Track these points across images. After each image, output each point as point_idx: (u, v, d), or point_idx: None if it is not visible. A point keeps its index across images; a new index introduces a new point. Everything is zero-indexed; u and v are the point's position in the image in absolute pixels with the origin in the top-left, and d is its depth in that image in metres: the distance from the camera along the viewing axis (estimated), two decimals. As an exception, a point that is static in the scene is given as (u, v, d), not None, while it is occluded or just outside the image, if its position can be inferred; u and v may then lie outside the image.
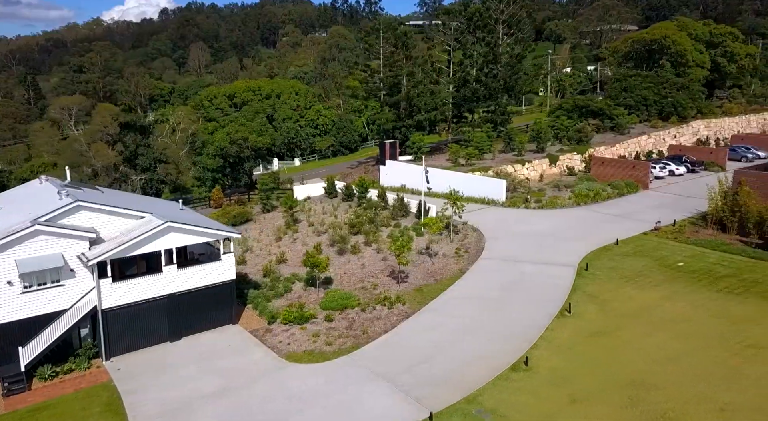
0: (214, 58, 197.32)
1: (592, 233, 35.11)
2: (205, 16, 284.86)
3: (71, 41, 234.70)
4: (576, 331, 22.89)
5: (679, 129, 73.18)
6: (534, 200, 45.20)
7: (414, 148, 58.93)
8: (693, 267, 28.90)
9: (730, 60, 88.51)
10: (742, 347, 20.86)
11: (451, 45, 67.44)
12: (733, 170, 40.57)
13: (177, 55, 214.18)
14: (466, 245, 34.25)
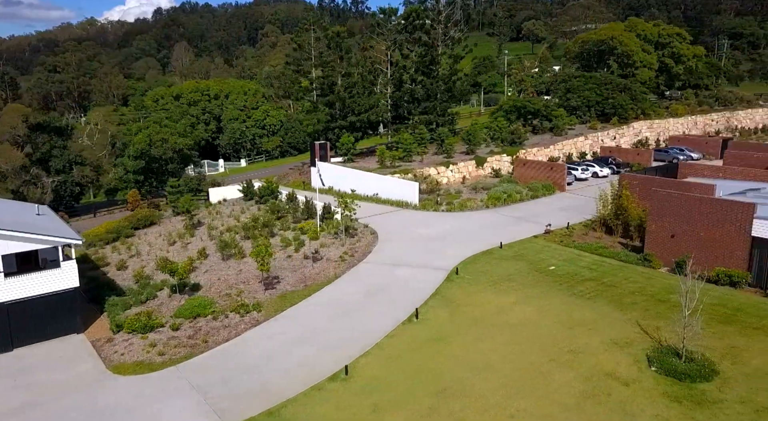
0: (198, 58, 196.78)
1: (486, 236, 34.94)
2: (199, 16, 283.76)
3: (63, 41, 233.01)
4: (414, 337, 22.59)
5: (619, 130, 73.59)
6: (446, 203, 45.12)
7: (343, 149, 58.58)
8: (562, 271, 28.81)
9: (677, 61, 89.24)
10: (563, 352, 20.70)
11: (388, 46, 67.10)
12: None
13: (161, 55, 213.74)
14: (355, 249, 33.86)
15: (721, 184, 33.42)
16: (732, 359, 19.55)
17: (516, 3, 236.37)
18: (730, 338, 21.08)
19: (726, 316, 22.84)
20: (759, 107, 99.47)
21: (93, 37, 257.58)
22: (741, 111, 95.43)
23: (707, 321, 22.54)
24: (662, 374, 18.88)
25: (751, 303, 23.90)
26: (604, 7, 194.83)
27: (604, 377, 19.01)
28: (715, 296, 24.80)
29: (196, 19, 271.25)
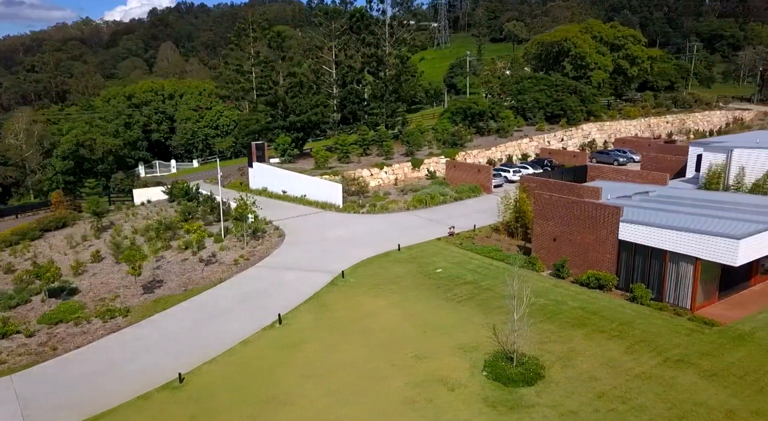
0: (185, 58, 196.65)
1: (393, 238, 34.66)
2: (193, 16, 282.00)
3: (56, 41, 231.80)
4: (269, 343, 22.23)
5: (567, 132, 73.78)
6: (369, 205, 44.84)
7: (279, 150, 58.12)
8: (447, 274, 28.59)
9: (632, 63, 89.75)
10: (408, 357, 20.43)
11: (333, 46, 66.77)
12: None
13: (148, 55, 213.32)
14: (254, 253, 33.44)
15: (619, 187, 33.49)
16: (564, 363, 19.40)
17: (500, 4, 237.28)
18: (574, 341, 20.94)
19: (581, 319, 22.73)
20: (717, 110, 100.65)
21: (87, 38, 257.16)
22: (698, 113, 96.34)
23: (560, 325, 22.51)
24: (491, 378, 18.68)
25: (610, 306, 23.81)
26: (589, 7, 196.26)
27: (435, 382, 18.76)
28: (580, 299, 24.75)
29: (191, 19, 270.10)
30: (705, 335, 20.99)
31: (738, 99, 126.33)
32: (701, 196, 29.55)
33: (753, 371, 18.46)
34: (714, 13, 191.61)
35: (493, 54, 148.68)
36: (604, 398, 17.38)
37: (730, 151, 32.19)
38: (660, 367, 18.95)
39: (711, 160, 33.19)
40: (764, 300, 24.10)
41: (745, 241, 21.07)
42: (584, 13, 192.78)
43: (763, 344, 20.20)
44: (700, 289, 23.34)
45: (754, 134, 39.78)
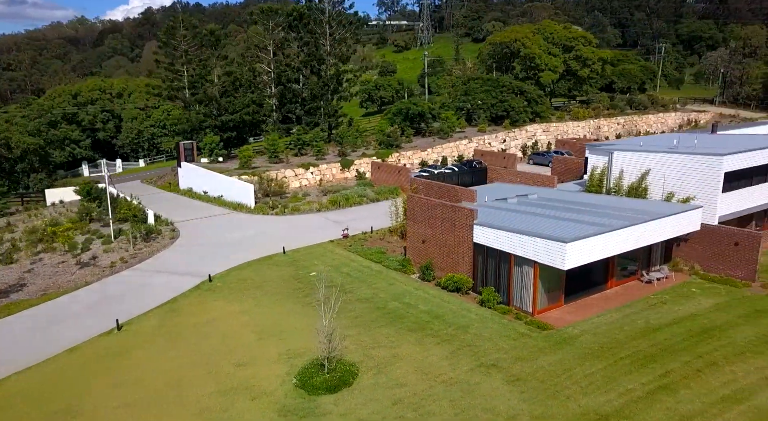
0: None
1: (287, 240, 34.26)
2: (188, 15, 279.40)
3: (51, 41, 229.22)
4: (98, 351, 21.57)
5: (510, 133, 73.84)
6: (282, 206, 44.39)
7: (206, 149, 57.48)
8: (320, 277, 28.20)
9: (583, 64, 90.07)
10: (230, 364, 19.95)
11: (270, 45, 66.22)
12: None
13: (134, 54, 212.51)
14: (138, 255, 32.82)
15: (507, 188, 33.36)
16: (380, 369, 19.09)
17: (484, 4, 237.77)
18: (402, 346, 20.65)
19: (421, 323, 22.48)
20: (673, 112, 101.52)
21: (82, 37, 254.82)
22: (652, 115, 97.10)
23: (399, 329, 22.22)
24: (299, 386, 18.33)
25: (457, 310, 23.59)
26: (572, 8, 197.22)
27: (242, 391, 18.36)
28: (432, 303, 24.49)
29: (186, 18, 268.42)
30: (531, 339, 20.83)
31: (701, 101, 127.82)
32: (574, 199, 29.43)
33: (556, 376, 18.29)
34: (695, 15, 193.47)
35: (473, 54, 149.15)
36: (398, 406, 17.10)
37: (611, 153, 32.25)
38: (471, 372, 18.73)
39: (594, 163, 33.24)
40: (609, 303, 24.05)
41: (572, 245, 20.94)
42: (563, 13, 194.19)
43: (580, 348, 20.09)
44: (541, 292, 23.21)
45: (658, 137, 39.86)
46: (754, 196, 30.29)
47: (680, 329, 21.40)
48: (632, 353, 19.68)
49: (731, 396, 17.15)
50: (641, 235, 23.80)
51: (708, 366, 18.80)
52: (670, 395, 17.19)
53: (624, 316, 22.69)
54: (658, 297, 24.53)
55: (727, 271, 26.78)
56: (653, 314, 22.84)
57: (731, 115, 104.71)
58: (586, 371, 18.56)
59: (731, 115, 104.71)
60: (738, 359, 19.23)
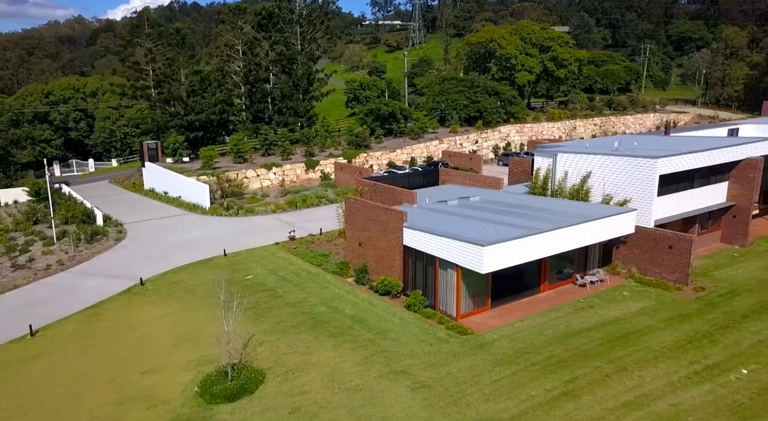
0: None
1: (233, 242, 33.88)
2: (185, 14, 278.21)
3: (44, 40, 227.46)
4: (3, 358, 21.14)
5: (482, 134, 73.64)
6: (238, 207, 43.95)
7: (169, 149, 56.91)
8: (255, 281, 27.74)
9: (559, 65, 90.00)
10: (137, 372, 19.47)
11: (239, 44, 65.66)
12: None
13: (127, 53, 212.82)
14: (76, 257, 32.24)
15: (454, 190, 33.07)
16: (287, 376, 18.72)
17: (477, 5, 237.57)
18: (318, 352, 20.25)
19: (343, 328, 22.09)
20: (652, 113, 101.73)
21: (78, 36, 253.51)
22: (630, 116, 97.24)
23: (319, 334, 21.84)
24: (199, 394, 17.94)
25: (383, 314, 23.22)
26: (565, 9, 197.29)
27: (140, 400, 17.87)
28: (360, 307, 24.14)
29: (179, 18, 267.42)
30: (448, 344, 20.53)
31: (683, 102, 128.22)
32: (514, 202, 29.09)
33: (463, 382, 18.00)
34: (685, 16, 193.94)
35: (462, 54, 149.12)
36: (295, 414, 16.72)
37: (554, 155, 32.04)
38: (378, 379, 18.40)
39: (539, 165, 33.02)
40: (537, 307, 23.80)
41: (490, 248, 20.66)
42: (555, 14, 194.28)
43: (495, 354, 19.80)
44: (466, 296, 22.93)
45: (607, 139, 39.52)
46: (694, 199, 30.11)
47: (600, 334, 21.18)
48: (545, 358, 19.42)
49: (632, 402, 16.92)
50: (570, 238, 23.53)
51: (618, 371, 18.57)
52: (571, 402, 16.94)
53: (548, 320, 22.44)
54: (588, 301, 24.30)
55: (662, 274, 26.61)
56: (577, 318, 22.61)
57: (710, 117, 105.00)
58: (494, 377, 18.28)
59: (710, 117, 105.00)
60: (649, 365, 19.01)
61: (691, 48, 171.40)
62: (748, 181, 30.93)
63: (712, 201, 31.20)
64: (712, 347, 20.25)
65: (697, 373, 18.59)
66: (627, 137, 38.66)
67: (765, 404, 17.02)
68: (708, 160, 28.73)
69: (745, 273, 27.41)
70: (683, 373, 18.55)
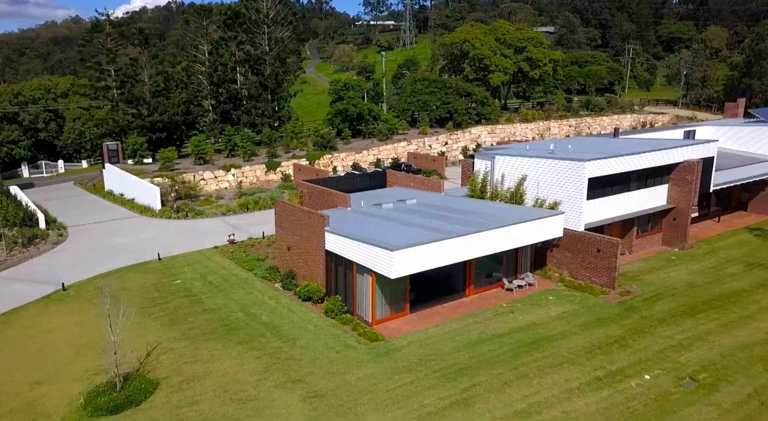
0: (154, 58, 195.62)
1: (172, 246, 33.32)
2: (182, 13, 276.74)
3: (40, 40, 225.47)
4: None
5: (452, 135, 73.33)
6: (189, 209, 43.42)
7: (129, 150, 56.28)
8: (183, 286, 27.20)
9: (533, 66, 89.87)
10: (23, 383, 18.92)
11: (205, 44, 65.08)
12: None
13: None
14: (5, 261, 31.52)
15: (397, 193, 32.71)
16: (182, 386, 18.17)
17: (468, 5, 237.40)
18: (220, 361, 19.79)
19: (254, 336, 21.62)
20: (630, 113, 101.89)
21: (75, 36, 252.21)
22: (606, 117, 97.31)
23: (228, 342, 21.35)
24: (82, 407, 17.29)
25: (297, 320, 22.76)
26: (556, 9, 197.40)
27: (22, 412, 17.15)
28: (278, 313, 23.64)
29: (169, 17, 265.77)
30: (355, 351, 20.13)
31: (664, 102, 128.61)
32: (448, 205, 28.63)
33: (358, 391, 17.56)
34: (676, 16, 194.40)
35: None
36: (178, 426, 16.37)
37: (492, 158, 31.76)
38: (274, 388, 17.98)
39: (479, 167, 32.74)
40: (458, 312, 23.43)
41: (399, 253, 20.31)
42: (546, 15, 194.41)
43: (399, 361, 19.38)
44: (382, 301, 22.57)
45: (548, 142, 38.98)
46: (631, 201, 29.86)
47: (511, 340, 20.87)
48: (448, 365, 19.08)
49: (524, 410, 16.60)
50: (489, 242, 23.18)
51: (519, 378, 18.25)
52: (462, 410, 16.60)
53: (464, 326, 22.10)
54: (510, 306, 24.00)
55: (592, 278, 26.37)
56: (494, 323, 22.29)
57: (688, 118, 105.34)
58: (391, 386, 17.92)
59: (688, 118, 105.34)
60: (552, 371, 18.72)
61: (680, 48, 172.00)
62: (686, 183, 30.76)
63: (651, 204, 31.02)
64: (620, 352, 20.00)
65: (599, 379, 18.33)
66: (566, 140, 38.34)
67: (659, 410, 16.79)
68: (639, 163, 28.50)
69: (676, 276, 27.23)
70: (584, 379, 18.29)
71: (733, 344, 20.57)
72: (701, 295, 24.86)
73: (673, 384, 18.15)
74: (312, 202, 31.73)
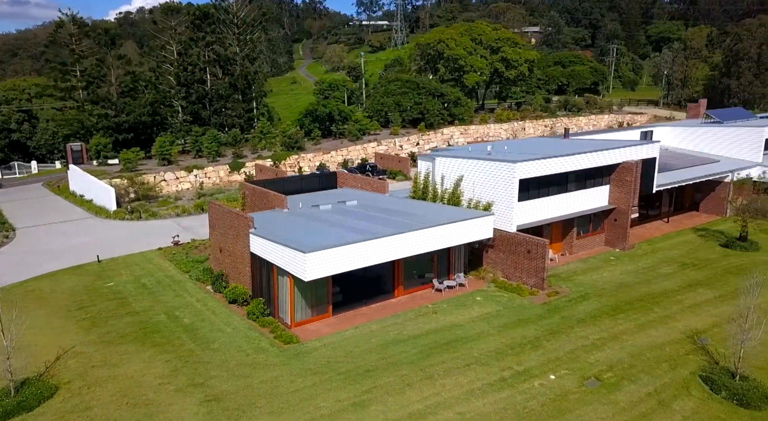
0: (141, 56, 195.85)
1: (117, 247, 33.14)
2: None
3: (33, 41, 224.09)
4: None
5: (424, 136, 73.34)
6: (144, 210, 43.19)
7: (92, 151, 56.00)
8: (116, 288, 27.00)
9: (508, 66, 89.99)
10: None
11: (173, 44, 64.83)
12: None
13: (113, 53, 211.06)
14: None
15: (342, 194, 32.66)
16: (79, 391, 17.86)
17: (461, 5, 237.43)
18: (130, 364, 19.51)
19: (171, 338, 21.41)
20: (608, 114, 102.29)
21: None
22: (583, 117, 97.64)
23: (144, 345, 21.14)
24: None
25: (218, 322, 22.62)
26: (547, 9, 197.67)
27: None
28: (202, 316, 23.45)
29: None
30: (265, 354, 20.02)
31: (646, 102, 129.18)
32: (386, 206, 28.49)
33: (258, 395, 17.41)
34: (666, 16, 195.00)
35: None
36: (67, 430, 16.23)
37: (433, 159, 31.77)
38: (174, 392, 17.80)
39: (421, 169, 32.74)
40: (381, 313, 23.35)
41: (314, 255, 20.23)
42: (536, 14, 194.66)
43: (308, 363, 19.28)
44: (303, 303, 22.50)
45: (490, 144, 38.66)
46: (569, 202, 29.83)
47: (426, 341, 20.83)
48: (355, 367, 19.01)
49: (420, 411, 16.55)
50: (414, 243, 23.12)
51: (423, 380, 18.21)
52: (356, 413, 16.53)
53: (383, 327, 22.06)
54: (436, 307, 23.97)
55: (523, 278, 26.41)
56: (414, 324, 22.27)
57: (666, 117, 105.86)
58: (292, 389, 17.82)
59: (666, 117, 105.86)
60: (458, 372, 18.69)
61: (669, 48, 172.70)
62: (625, 184, 30.85)
63: (591, 205, 31.10)
64: (531, 353, 20.02)
65: (503, 380, 18.34)
66: (504, 143, 38.39)
67: (555, 410, 16.80)
68: (574, 164, 28.54)
69: (609, 277, 27.32)
70: (489, 380, 18.28)
71: (645, 344, 20.65)
72: (627, 295, 24.97)
73: (576, 384, 18.20)
74: (252, 204, 31.62)
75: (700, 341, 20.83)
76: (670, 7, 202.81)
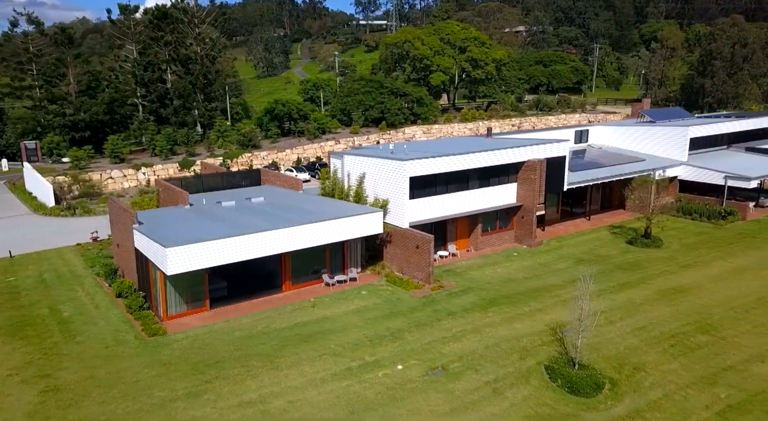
0: None
1: (36, 243, 33.61)
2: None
3: None
4: None
5: (384, 135, 73.64)
6: (80, 208, 43.54)
7: (45, 149, 56.35)
8: (15, 283, 27.31)
9: (475, 66, 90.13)
10: None
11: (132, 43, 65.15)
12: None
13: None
14: None
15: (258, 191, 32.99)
16: None
17: (455, 4, 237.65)
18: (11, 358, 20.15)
19: (39, 332, 21.68)
20: (579, 113, 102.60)
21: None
22: (552, 116, 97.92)
23: (10, 340, 21.46)
24: None
25: (93, 315, 22.94)
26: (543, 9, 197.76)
27: None
28: (82, 310, 23.84)
29: None
30: (125, 346, 20.30)
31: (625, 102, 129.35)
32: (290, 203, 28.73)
33: (98, 385, 17.69)
34: (661, 15, 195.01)
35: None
36: None
37: (342, 157, 32.05)
38: (18, 384, 18.02)
39: (332, 167, 33.04)
40: (260, 307, 23.59)
41: (176, 249, 20.55)
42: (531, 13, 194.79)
43: (161, 356, 19.59)
44: (176, 297, 22.75)
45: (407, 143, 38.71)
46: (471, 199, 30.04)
47: (289, 334, 21.13)
48: (205, 359, 19.29)
49: (252, 400, 16.86)
50: (296, 238, 23.47)
51: (268, 371, 18.48)
52: (187, 402, 16.80)
53: (255, 321, 22.36)
54: (317, 300, 24.25)
55: (414, 273, 26.73)
56: (285, 318, 22.57)
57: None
58: (135, 379, 18.11)
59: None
60: (307, 364, 18.95)
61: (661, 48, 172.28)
62: (530, 182, 31.16)
63: (496, 202, 31.39)
64: (389, 344, 20.33)
65: (349, 370, 18.66)
66: (417, 142, 38.32)
67: (388, 398, 17.10)
68: (471, 162, 28.81)
69: (503, 272, 27.61)
70: (335, 370, 18.59)
71: (505, 336, 20.95)
72: (510, 290, 25.27)
73: (421, 374, 18.51)
74: (164, 200, 31.99)
75: (563, 332, 21.16)
76: (666, 6, 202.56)
